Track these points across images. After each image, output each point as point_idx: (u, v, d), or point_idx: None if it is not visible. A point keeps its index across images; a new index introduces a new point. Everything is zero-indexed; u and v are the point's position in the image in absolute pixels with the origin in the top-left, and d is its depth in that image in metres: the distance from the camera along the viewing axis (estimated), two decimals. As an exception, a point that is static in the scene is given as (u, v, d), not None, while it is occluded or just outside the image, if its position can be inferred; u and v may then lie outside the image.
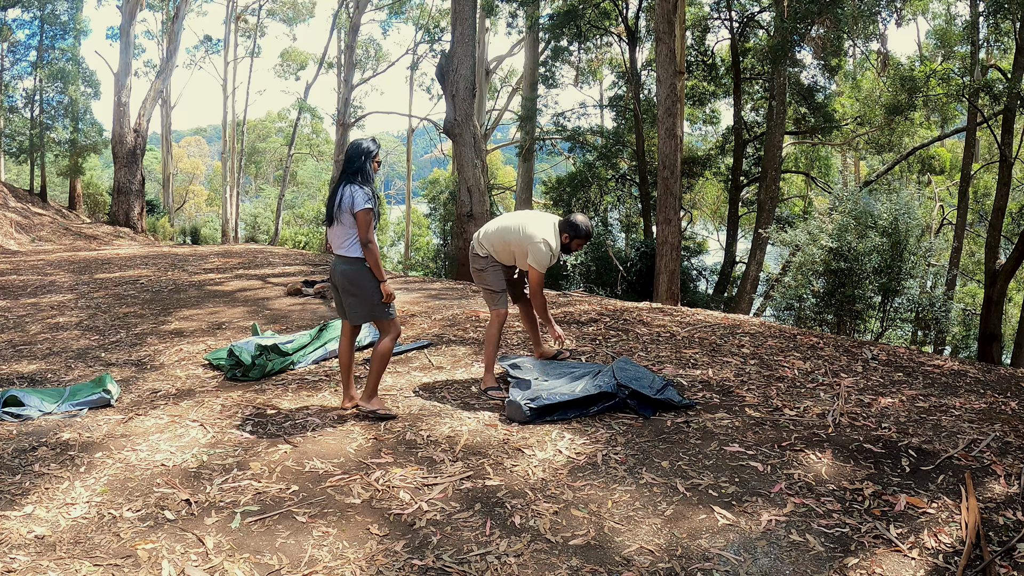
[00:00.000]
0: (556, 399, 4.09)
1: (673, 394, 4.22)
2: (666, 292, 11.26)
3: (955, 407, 4.33)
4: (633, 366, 4.46)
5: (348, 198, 3.97)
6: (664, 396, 4.17)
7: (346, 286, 4.09)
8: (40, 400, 4.34)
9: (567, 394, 4.15)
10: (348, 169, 4.04)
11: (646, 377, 4.31)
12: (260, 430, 4.00)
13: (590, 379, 4.40)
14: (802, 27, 14.08)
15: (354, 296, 4.09)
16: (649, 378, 4.31)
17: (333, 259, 4.20)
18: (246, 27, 33.48)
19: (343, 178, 4.07)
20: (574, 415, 4.11)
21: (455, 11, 10.69)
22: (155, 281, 9.71)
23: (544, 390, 4.23)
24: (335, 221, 4.04)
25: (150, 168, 37.75)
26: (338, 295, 4.23)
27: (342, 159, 4.18)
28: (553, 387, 4.29)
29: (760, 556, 2.72)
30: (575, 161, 20.92)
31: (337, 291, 4.22)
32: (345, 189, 4.01)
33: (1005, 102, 12.81)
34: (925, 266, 8.75)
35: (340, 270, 4.10)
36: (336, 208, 4.01)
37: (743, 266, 17.79)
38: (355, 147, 4.10)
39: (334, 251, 4.15)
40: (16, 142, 21.25)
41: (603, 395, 4.17)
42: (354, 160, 4.04)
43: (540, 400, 4.08)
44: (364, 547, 2.80)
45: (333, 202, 4.04)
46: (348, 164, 4.05)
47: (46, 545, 2.78)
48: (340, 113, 23.59)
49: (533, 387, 4.29)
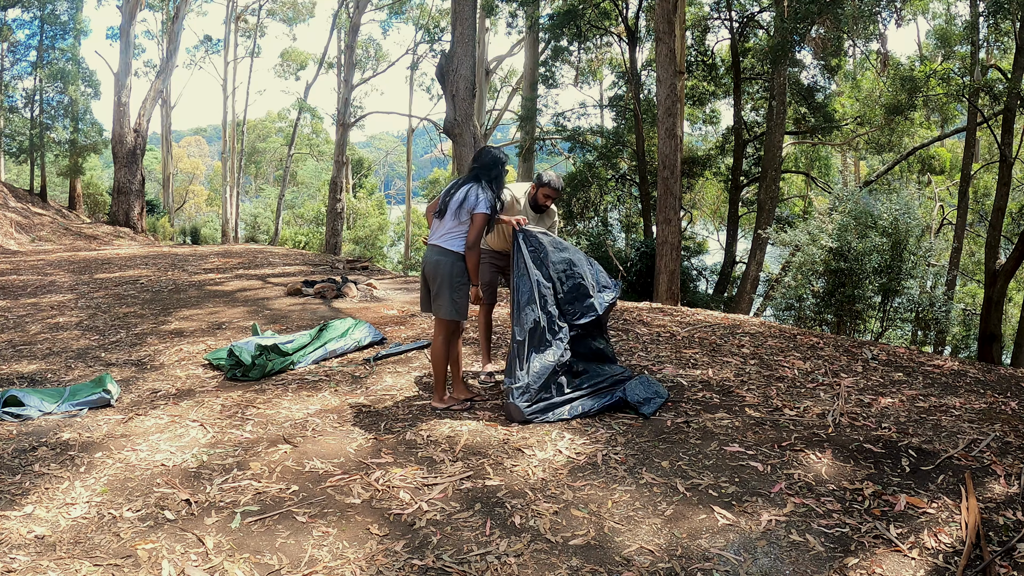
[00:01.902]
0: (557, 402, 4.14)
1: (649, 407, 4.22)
2: (666, 292, 11.26)
3: (955, 407, 4.33)
4: (645, 386, 4.40)
5: (473, 198, 4.11)
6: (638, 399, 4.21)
7: (435, 275, 4.20)
8: (40, 400, 4.34)
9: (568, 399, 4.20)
10: (484, 175, 4.19)
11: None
12: (260, 430, 4.00)
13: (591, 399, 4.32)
14: (802, 27, 14.07)
15: (439, 288, 4.19)
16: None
17: (427, 250, 4.30)
18: (246, 27, 33.48)
19: (472, 178, 4.22)
20: (575, 416, 4.12)
21: (455, 11, 10.69)
22: (155, 281, 9.71)
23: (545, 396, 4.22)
24: (448, 213, 4.16)
25: (150, 168, 37.76)
26: (426, 286, 4.32)
27: (475, 163, 4.31)
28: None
29: (760, 556, 2.72)
30: (575, 161, 20.91)
31: (426, 282, 4.31)
32: (472, 189, 4.14)
33: (1005, 102, 12.81)
34: (925, 266, 8.74)
35: (434, 260, 4.20)
36: (457, 205, 4.13)
37: (743, 266, 17.78)
38: (492, 156, 4.27)
39: (431, 240, 4.26)
40: (16, 142, 21.25)
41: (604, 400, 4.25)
42: (491, 168, 4.21)
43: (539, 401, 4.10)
44: (364, 547, 2.80)
45: (451, 196, 4.18)
46: (485, 170, 4.21)
47: (46, 545, 2.78)
48: (340, 113, 23.58)
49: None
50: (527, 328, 4.22)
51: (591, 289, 4.40)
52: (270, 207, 34.02)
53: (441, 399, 4.32)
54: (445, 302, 4.20)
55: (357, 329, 5.89)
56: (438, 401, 4.32)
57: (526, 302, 4.26)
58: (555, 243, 4.44)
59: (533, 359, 4.18)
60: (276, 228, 28.10)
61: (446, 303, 4.20)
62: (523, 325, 4.23)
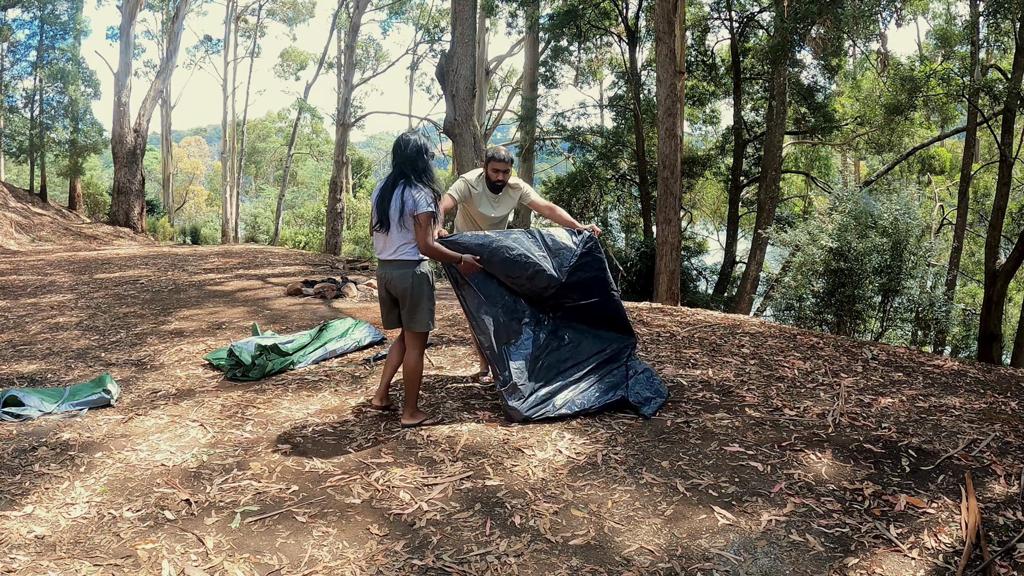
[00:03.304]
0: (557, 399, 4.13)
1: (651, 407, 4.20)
2: (666, 292, 11.26)
3: (955, 407, 4.33)
4: (649, 382, 4.34)
5: (410, 202, 3.73)
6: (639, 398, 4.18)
7: (402, 289, 3.87)
8: (40, 400, 4.33)
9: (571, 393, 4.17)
10: (410, 170, 3.76)
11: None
12: (260, 430, 4.00)
13: (598, 386, 4.24)
14: (802, 27, 14.07)
15: (411, 300, 3.88)
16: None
17: (381, 266, 3.96)
18: (246, 27, 33.49)
19: (399, 176, 3.79)
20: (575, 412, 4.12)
21: (455, 11, 10.69)
22: (155, 281, 9.71)
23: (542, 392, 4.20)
24: (393, 227, 3.79)
25: (150, 168, 37.77)
26: (388, 302, 4.02)
27: (397, 159, 3.82)
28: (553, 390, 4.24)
29: (760, 556, 2.72)
30: (575, 161, 20.91)
31: (387, 299, 4.01)
32: (405, 192, 3.75)
33: (1005, 102, 12.81)
34: (925, 266, 8.73)
35: (397, 275, 3.87)
36: (399, 215, 3.75)
37: (743, 266, 17.78)
38: (413, 145, 3.80)
39: (383, 256, 3.91)
40: (16, 142, 21.25)
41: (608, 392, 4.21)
42: (416, 159, 3.77)
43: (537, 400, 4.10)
44: (364, 547, 2.80)
45: (387, 205, 3.77)
46: (409, 164, 3.77)
47: (46, 545, 2.78)
48: (340, 113, 23.59)
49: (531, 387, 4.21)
50: (490, 332, 4.14)
51: (543, 261, 4.19)
52: (270, 207, 34.02)
53: (412, 415, 4.05)
54: (421, 314, 3.91)
55: (357, 329, 5.89)
56: (409, 418, 4.04)
57: (475, 309, 4.17)
58: (487, 237, 4.18)
59: (511, 355, 4.14)
60: (276, 228, 28.10)
61: (422, 315, 3.91)
62: (485, 331, 4.16)
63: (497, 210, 4.53)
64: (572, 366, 4.27)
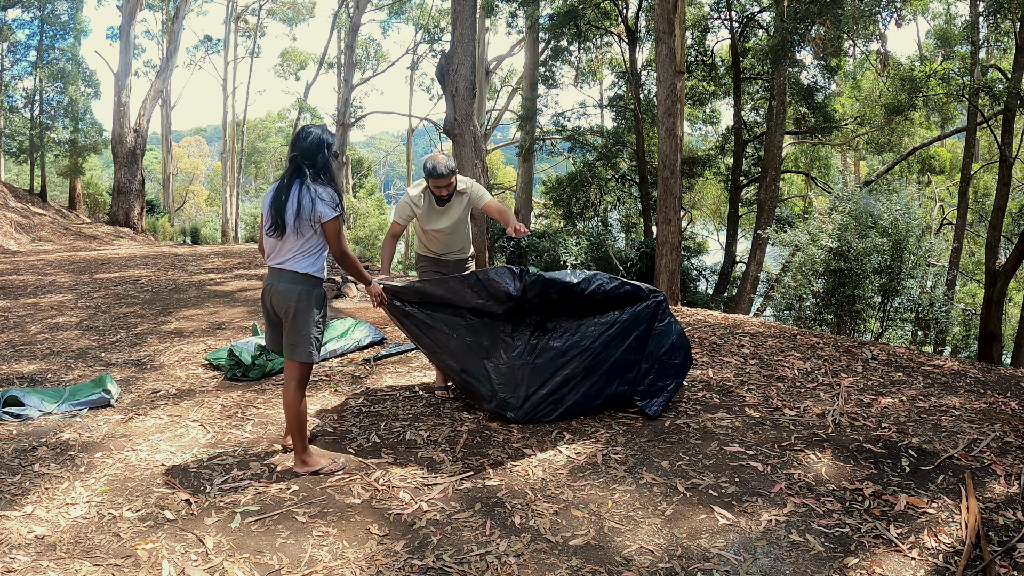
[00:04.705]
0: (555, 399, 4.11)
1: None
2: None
3: (955, 407, 4.33)
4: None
5: (308, 204, 3.20)
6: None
7: (285, 307, 3.31)
8: (40, 400, 4.34)
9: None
10: (309, 166, 3.25)
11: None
12: (260, 430, 4.00)
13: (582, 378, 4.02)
14: (802, 27, 14.07)
15: (293, 322, 3.31)
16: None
17: (269, 274, 3.39)
18: (246, 27, 33.49)
19: (295, 173, 3.26)
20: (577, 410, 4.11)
21: (455, 11, 10.68)
22: (155, 281, 9.71)
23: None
24: (288, 231, 3.24)
25: (150, 168, 37.76)
26: (271, 318, 3.46)
27: (293, 150, 3.30)
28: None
29: (760, 556, 2.72)
30: (575, 161, 20.92)
31: (271, 314, 3.44)
32: (302, 193, 3.22)
33: (1005, 102, 12.80)
34: (925, 266, 8.73)
35: (282, 289, 3.30)
36: (294, 217, 3.21)
37: (743, 266, 17.78)
38: (314, 137, 3.27)
39: (273, 262, 3.35)
40: (16, 142, 21.25)
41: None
42: (315, 153, 3.25)
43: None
44: (364, 547, 2.80)
45: (282, 206, 3.22)
46: (308, 159, 3.24)
47: (46, 545, 2.78)
48: (340, 113, 23.59)
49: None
50: (459, 358, 4.04)
51: (494, 272, 3.89)
52: (270, 207, 33.90)
53: (304, 462, 3.41)
54: (302, 341, 3.30)
55: (357, 329, 5.89)
56: (301, 466, 3.40)
57: (432, 352, 4.12)
58: (425, 287, 4.00)
59: (490, 372, 4.02)
60: (276, 228, 28.00)
61: (304, 342, 3.31)
62: (452, 363, 4.07)
63: (446, 221, 4.34)
64: (572, 358, 4.01)
